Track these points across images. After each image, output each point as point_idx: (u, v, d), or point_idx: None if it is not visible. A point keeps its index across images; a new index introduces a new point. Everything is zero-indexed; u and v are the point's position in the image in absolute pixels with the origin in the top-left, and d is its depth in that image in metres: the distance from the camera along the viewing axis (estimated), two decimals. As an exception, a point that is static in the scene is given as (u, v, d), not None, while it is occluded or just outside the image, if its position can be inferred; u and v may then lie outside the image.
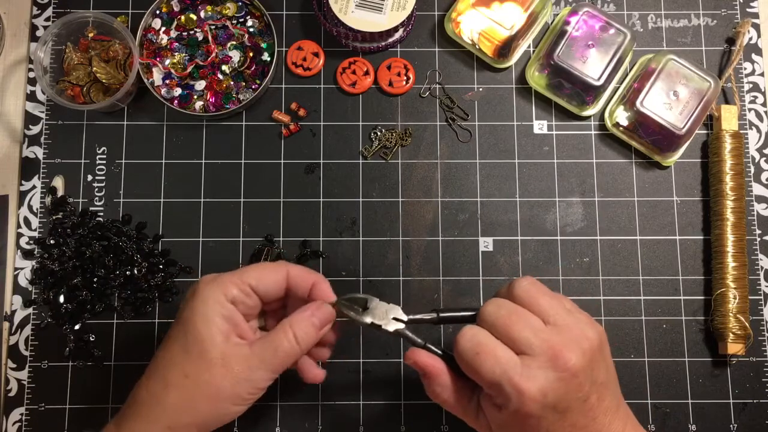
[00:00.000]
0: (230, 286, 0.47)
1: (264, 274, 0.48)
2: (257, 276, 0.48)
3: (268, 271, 0.48)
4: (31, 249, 0.62)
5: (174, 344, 0.46)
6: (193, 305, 0.46)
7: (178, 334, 0.46)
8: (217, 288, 0.46)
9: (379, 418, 0.60)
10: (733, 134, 0.62)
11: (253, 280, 0.47)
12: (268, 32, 0.65)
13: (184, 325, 0.46)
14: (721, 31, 0.67)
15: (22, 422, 0.60)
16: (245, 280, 0.47)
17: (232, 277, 0.47)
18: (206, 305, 0.46)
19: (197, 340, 0.45)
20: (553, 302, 0.45)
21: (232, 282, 0.47)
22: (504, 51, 0.64)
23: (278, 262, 0.49)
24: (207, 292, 0.46)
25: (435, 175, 0.64)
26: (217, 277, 0.47)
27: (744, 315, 0.59)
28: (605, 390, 0.45)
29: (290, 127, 0.64)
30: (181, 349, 0.46)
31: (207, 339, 0.45)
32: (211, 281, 0.47)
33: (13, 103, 0.65)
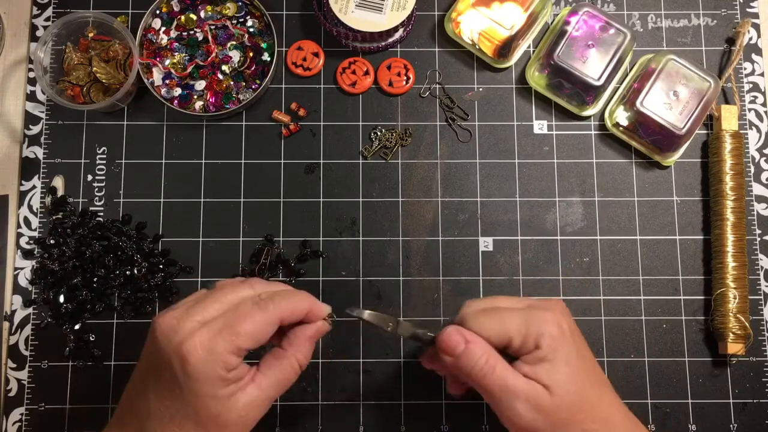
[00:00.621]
0: (228, 357, 0.42)
1: (258, 333, 0.44)
2: (251, 336, 0.43)
3: (260, 327, 0.44)
4: (31, 249, 0.62)
5: (185, 422, 0.43)
6: (194, 388, 0.42)
7: (185, 414, 0.43)
8: (216, 365, 0.42)
9: (379, 418, 0.60)
10: (733, 134, 0.62)
11: (249, 343, 0.43)
12: (268, 32, 0.65)
13: (190, 407, 0.42)
14: (721, 31, 0.67)
15: (22, 422, 0.60)
16: (242, 346, 0.43)
17: (227, 343, 0.42)
18: (211, 385, 0.42)
19: (212, 416, 0.43)
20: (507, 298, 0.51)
21: (229, 351, 0.42)
22: (504, 51, 0.64)
23: (266, 307, 0.44)
24: (206, 372, 0.42)
25: (435, 175, 0.64)
26: (212, 348, 0.42)
27: (744, 315, 0.59)
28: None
29: (290, 127, 0.64)
30: (194, 426, 0.43)
31: (222, 411, 0.43)
32: (206, 354, 0.42)
33: (13, 103, 0.65)
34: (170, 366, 0.42)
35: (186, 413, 0.43)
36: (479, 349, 0.45)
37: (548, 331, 0.45)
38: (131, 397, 0.46)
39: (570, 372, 0.44)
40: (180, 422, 0.43)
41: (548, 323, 0.45)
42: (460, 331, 0.46)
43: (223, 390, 0.43)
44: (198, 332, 0.42)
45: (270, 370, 0.45)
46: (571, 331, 0.46)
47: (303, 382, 0.60)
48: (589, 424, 0.44)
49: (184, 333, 0.42)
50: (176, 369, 0.42)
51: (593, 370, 0.47)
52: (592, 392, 0.45)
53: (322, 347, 0.61)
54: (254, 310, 0.44)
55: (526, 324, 0.45)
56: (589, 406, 0.45)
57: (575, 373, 0.45)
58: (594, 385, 0.46)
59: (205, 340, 0.42)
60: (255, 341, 0.44)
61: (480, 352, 0.45)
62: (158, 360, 0.43)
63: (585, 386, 0.45)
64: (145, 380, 0.45)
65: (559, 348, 0.45)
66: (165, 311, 0.45)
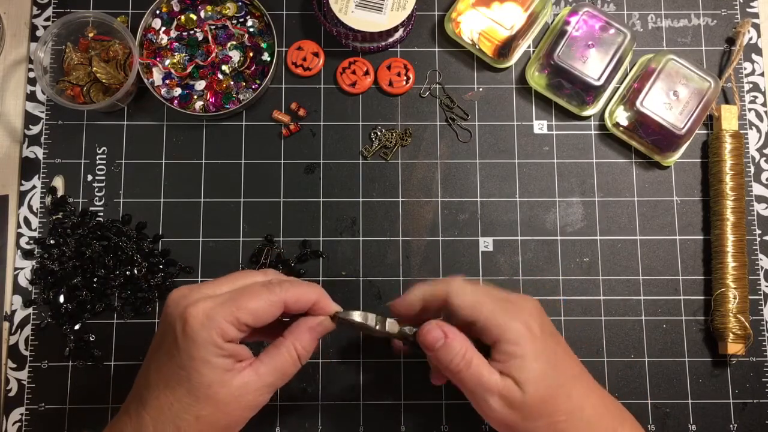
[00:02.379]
0: (227, 326, 0.43)
1: (260, 310, 0.45)
2: (253, 312, 0.44)
3: (263, 305, 0.45)
4: (31, 249, 0.62)
5: (176, 386, 0.44)
6: (191, 347, 0.43)
7: (178, 376, 0.44)
8: (213, 330, 0.43)
9: (379, 418, 0.60)
10: (733, 134, 0.62)
11: (250, 319, 0.44)
12: (268, 32, 0.65)
13: (184, 368, 0.43)
14: (721, 31, 0.67)
15: (22, 422, 0.60)
16: (242, 319, 0.44)
17: (227, 314, 0.44)
18: (205, 350, 0.43)
19: (204, 384, 0.43)
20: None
21: (228, 321, 0.44)
22: (504, 51, 0.64)
23: (273, 289, 0.46)
24: (203, 335, 0.43)
25: (435, 175, 0.64)
26: (211, 315, 0.44)
27: (744, 315, 0.59)
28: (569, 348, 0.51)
29: (290, 127, 0.64)
30: (186, 392, 0.44)
31: (215, 382, 0.44)
32: (205, 319, 0.43)
33: (13, 103, 0.65)
34: (172, 329, 0.44)
35: (179, 377, 0.44)
36: (458, 345, 0.47)
37: (515, 328, 0.46)
38: (138, 380, 0.48)
39: (539, 368, 0.46)
40: (173, 388, 0.44)
41: (516, 321, 0.47)
42: (441, 326, 0.48)
43: (217, 359, 0.44)
44: (203, 301, 0.44)
45: (268, 356, 0.46)
46: (540, 328, 0.47)
47: (303, 383, 0.60)
48: (558, 417, 0.46)
49: (191, 300, 0.45)
50: (177, 331, 0.44)
51: (565, 365, 0.48)
52: (562, 387, 0.47)
53: (322, 347, 0.61)
54: (260, 289, 0.46)
55: (494, 315, 0.47)
56: (559, 399, 0.46)
57: (545, 370, 0.46)
58: (566, 380, 0.47)
59: (208, 308, 0.44)
60: (256, 318, 0.45)
61: (458, 348, 0.47)
62: (164, 327, 0.45)
63: (556, 382, 0.46)
64: (151, 355, 0.47)
65: (528, 345, 0.46)
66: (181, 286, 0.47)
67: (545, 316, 0.49)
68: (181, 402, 0.44)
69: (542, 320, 0.48)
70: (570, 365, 0.48)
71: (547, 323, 0.49)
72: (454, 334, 0.47)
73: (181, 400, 0.44)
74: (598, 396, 0.49)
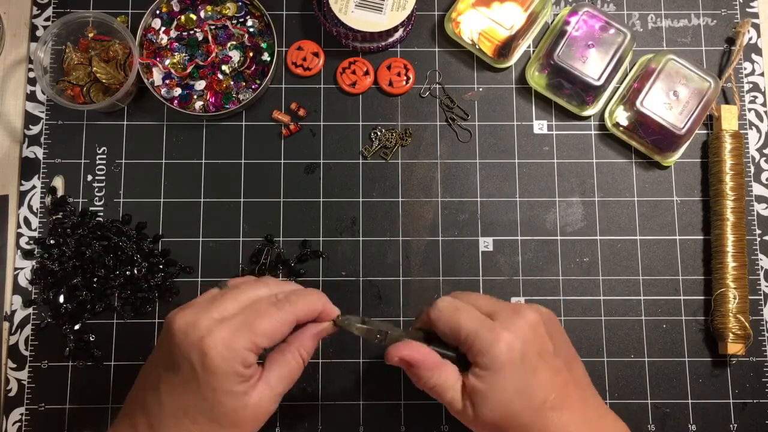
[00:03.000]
0: (247, 354, 0.43)
1: (276, 333, 0.45)
2: (269, 335, 0.44)
3: (277, 326, 0.45)
4: (31, 249, 0.62)
5: (199, 417, 0.43)
6: (211, 382, 0.43)
7: (200, 408, 0.43)
8: (235, 360, 0.43)
9: (379, 418, 0.60)
10: (733, 134, 0.62)
11: (266, 341, 0.44)
12: (268, 32, 0.65)
13: (206, 401, 0.43)
14: (721, 31, 0.67)
15: (22, 422, 0.60)
16: (259, 344, 0.44)
17: (245, 341, 0.43)
18: (228, 381, 0.43)
19: (227, 413, 0.43)
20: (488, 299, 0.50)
21: (247, 348, 0.43)
22: (504, 51, 0.64)
23: (283, 307, 0.45)
24: (224, 367, 0.42)
25: (435, 175, 0.64)
26: (230, 344, 0.43)
27: (744, 315, 0.59)
28: (573, 361, 0.49)
29: (290, 127, 0.64)
30: (208, 421, 0.43)
31: (238, 408, 0.44)
32: (225, 350, 0.42)
33: (13, 103, 0.65)
34: (188, 361, 0.43)
35: (201, 408, 0.43)
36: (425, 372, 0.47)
37: (491, 353, 0.45)
38: (141, 393, 0.46)
39: (500, 399, 0.45)
40: (194, 417, 0.43)
41: (495, 345, 0.45)
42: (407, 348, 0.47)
43: (239, 387, 0.43)
44: (218, 328, 0.43)
45: (276, 365, 0.46)
46: (523, 351, 0.45)
47: (303, 383, 0.60)
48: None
49: (203, 329, 0.43)
50: (195, 364, 0.43)
51: (542, 394, 0.45)
52: (527, 421, 0.45)
53: (322, 347, 0.61)
54: (272, 309, 0.45)
55: (471, 337, 0.45)
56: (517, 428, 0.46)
57: (508, 401, 0.45)
58: (535, 413, 0.45)
59: (226, 337, 0.43)
60: (272, 340, 0.45)
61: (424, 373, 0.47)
62: (174, 356, 0.44)
63: (519, 415, 0.45)
64: (157, 376, 0.45)
65: (498, 371, 0.45)
66: (180, 308, 0.46)
67: (542, 332, 0.47)
68: (204, 430, 0.44)
69: (534, 338, 0.46)
70: (548, 394, 0.45)
71: (540, 342, 0.46)
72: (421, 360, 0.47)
73: (203, 429, 0.44)
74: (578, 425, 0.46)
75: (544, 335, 0.47)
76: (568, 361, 0.48)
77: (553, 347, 0.47)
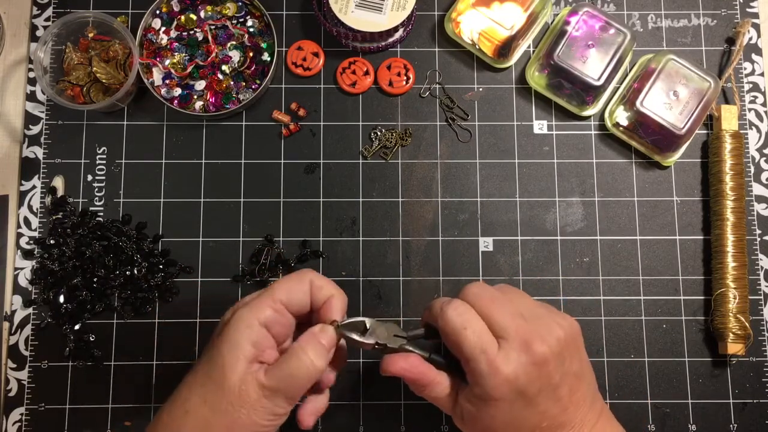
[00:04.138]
0: (263, 308, 0.46)
1: (291, 286, 0.47)
2: (286, 289, 0.47)
3: (294, 282, 0.47)
4: (31, 249, 0.62)
5: (200, 368, 0.46)
6: (225, 330, 0.45)
7: (205, 358, 0.46)
8: (250, 312, 0.45)
9: (379, 418, 0.60)
10: (733, 134, 0.62)
11: (284, 295, 0.46)
12: (268, 32, 0.65)
13: (211, 350, 0.46)
14: (721, 31, 0.67)
15: (22, 422, 0.60)
16: (276, 297, 0.46)
17: (263, 298, 0.46)
18: (237, 330, 0.45)
19: (219, 366, 0.44)
20: (523, 298, 0.48)
21: (265, 303, 0.46)
22: (504, 51, 0.64)
23: (301, 271, 0.49)
24: (240, 315, 0.45)
25: (435, 175, 0.64)
26: (251, 300, 0.47)
27: (744, 315, 0.59)
28: (578, 382, 0.46)
29: (290, 127, 0.64)
30: (205, 374, 0.45)
31: (228, 365, 0.44)
32: (244, 305, 0.46)
33: (13, 103, 0.65)
34: (214, 337, 0.47)
35: (206, 357, 0.46)
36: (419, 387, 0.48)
37: (487, 386, 0.44)
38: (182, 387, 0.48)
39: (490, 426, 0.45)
40: (197, 369, 0.46)
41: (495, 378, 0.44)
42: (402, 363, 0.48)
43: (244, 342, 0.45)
44: (241, 308, 0.46)
45: (278, 360, 0.46)
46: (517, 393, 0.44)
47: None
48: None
49: (233, 311, 0.47)
50: (215, 335, 0.47)
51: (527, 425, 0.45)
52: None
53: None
54: (290, 275, 0.49)
55: (475, 363, 0.44)
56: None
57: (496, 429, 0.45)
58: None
59: (245, 311, 0.46)
60: (288, 293, 0.47)
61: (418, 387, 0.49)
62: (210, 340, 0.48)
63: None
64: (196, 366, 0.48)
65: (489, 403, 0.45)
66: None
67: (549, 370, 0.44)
68: (197, 381, 0.45)
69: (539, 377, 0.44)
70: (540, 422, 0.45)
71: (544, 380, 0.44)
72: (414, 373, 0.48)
73: (197, 380, 0.46)
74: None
75: (552, 372, 0.44)
76: (574, 384, 0.46)
77: (560, 377, 0.45)
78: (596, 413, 0.47)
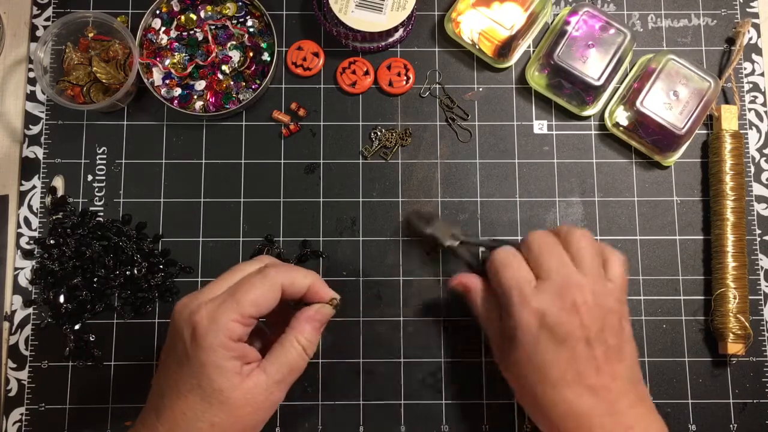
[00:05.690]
0: (232, 325, 0.44)
1: (260, 298, 0.45)
2: (254, 302, 0.45)
3: (261, 292, 0.46)
4: (31, 249, 0.62)
5: (188, 394, 0.44)
6: (200, 354, 0.44)
7: (191, 384, 0.44)
8: (220, 332, 0.44)
9: (379, 418, 0.60)
10: (733, 134, 0.62)
11: (253, 310, 0.45)
12: (268, 32, 0.65)
13: (195, 376, 0.44)
14: (721, 31, 0.67)
15: (22, 422, 0.60)
16: (245, 313, 0.45)
17: (230, 312, 0.44)
18: (215, 353, 0.44)
19: (216, 390, 0.44)
20: (587, 247, 0.50)
21: (233, 320, 0.44)
22: (504, 51, 0.64)
23: (267, 273, 0.47)
24: (210, 339, 0.44)
25: (435, 175, 0.64)
26: (215, 316, 0.44)
27: (744, 315, 0.59)
28: (617, 354, 0.47)
29: (290, 127, 0.64)
30: (200, 400, 0.44)
31: (226, 387, 0.44)
32: (210, 323, 0.44)
33: (13, 103, 0.65)
34: (182, 338, 0.45)
35: (191, 385, 0.44)
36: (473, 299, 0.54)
37: (514, 322, 0.48)
38: (152, 388, 0.48)
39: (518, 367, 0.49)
40: (186, 396, 0.44)
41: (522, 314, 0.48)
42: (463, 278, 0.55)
43: (228, 363, 0.44)
44: (205, 305, 0.45)
45: (273, 354, 0.47)
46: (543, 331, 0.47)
47: (304, 382, 0.60)
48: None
49: (194, 307, 0.45)
50: (186, 339, 0.45)
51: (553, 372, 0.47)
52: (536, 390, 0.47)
53: (323, 348, 0.61)
54: (255, 278, 0.46)
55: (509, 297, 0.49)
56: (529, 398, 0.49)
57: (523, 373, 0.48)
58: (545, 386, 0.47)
59: (211, 310, 0.45)
60: (257, 307, 0.45)
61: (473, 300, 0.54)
62: (173, 337, 0.46)
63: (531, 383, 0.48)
64: (162, 365, 0.48)
65: (515, 341, 0.49)
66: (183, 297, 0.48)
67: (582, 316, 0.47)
68: (195, 410, 0.44)
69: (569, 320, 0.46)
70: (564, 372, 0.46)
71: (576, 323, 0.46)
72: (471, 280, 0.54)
73: (194, 408, 0.44)
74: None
75: (584, 323, 0.47)
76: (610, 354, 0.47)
77: (595, 334, 0.47)
78: (637, 397, 0.47)
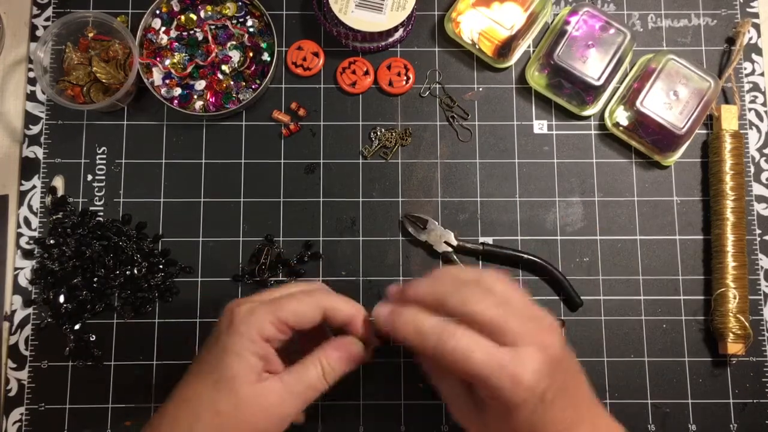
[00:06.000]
0: (267, 324, 0.45)
1: (300, 312, 0.46)
2: (294, 312, 0.46)
3: (303, 307, 0.47)
4: (31, 249, 0.62)
5: (205, 377, 0.46)
6: (227, 340, 0.45)
7: (209, 367, 0.46)
8: (253, 326, 0.45)
9: (379, 418, 0.60)
10: (733, 134, 0.62)
11: (291, 318, 0.46)
12: (268, 32, 0.65)
13: (216, 360, 0.45)
14: (721, 31, 0.67)
15: (22, 422, 0.60)
16: (282, 318, 0.46)
17: (268, 312, 0.46)
18: (240, 342, 0.45)
19: (228, 378, 0.44)
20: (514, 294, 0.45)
21: (269, 320, 0.45)
22: (504, 51, 0.64)
23: (312, 292, 0.48)
24: (242, 328, 0.45)
25: (435, 175, 0.64)
26: (254, 310, 0.46)
27: (744, 315, 0.59)
28: (580, 375, 0.46)
29: (290, 127, 0.64)
30: (212, 383, 0.45)
31: (239, 377, 0.44)
32: (247, 315, 0.46)
33: (13, 103, 0.65)
34: (220, 325, 0.47)
35: (210, 367, 0.46)
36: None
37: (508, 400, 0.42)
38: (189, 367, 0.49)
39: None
40: (202, 377, 0.46)
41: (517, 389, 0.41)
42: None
43: (249, 355, 0.45)
44: (250, 302, 0.47)
45: (294, 367, 0.47)
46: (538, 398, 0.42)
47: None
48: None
49: (240, 301, 0.48)
50: (222, 325, 0.47)
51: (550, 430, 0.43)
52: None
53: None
54: (302, 294, 0.48)
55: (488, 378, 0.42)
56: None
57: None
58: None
59: (252, 306, 0.46)
60: (296, 317, 0.46)
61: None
62: (215, 326, 0.48)
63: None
64: (200, 348, 0.49)
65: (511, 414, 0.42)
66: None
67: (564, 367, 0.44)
68: (204, 391, 0.45)
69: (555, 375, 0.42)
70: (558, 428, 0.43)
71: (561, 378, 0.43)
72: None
73: (205, 389, 0.45)
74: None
75: (564, 370, 0.44)
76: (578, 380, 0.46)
77: (570, 375, 0.45)
78: (601, 407, 0.47)
